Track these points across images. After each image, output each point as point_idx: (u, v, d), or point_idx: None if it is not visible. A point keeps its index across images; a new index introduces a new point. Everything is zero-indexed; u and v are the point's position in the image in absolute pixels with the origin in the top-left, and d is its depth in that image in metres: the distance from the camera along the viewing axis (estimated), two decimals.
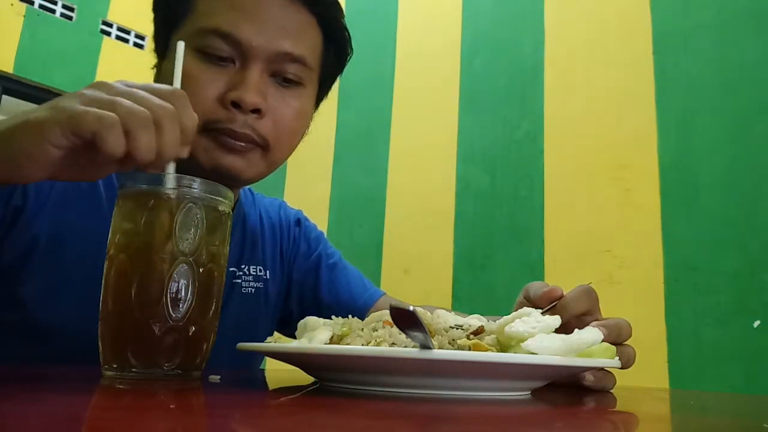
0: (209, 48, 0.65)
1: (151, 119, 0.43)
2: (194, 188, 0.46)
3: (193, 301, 0.45)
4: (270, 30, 0.66)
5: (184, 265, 0.44)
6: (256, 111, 0.65)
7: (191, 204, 0.45)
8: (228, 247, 0.50)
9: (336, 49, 0.76)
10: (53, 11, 2.72)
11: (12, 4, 2.61)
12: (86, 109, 0.41)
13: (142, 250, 0.44)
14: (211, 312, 0.47)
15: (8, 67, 2.56)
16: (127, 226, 0.46)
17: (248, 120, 0.65)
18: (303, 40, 0.69)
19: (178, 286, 0.44)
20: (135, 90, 0.44)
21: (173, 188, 0.45)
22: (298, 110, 0.70)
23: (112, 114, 0.41)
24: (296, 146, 0.75)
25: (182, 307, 0.44)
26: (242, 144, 0.65)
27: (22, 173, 0.43)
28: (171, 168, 0.46)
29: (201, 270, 0.45)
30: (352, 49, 0.79)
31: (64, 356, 0.57)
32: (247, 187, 0.88)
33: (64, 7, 2.76)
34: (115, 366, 0.43)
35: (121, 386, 0.39)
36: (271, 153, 0.68)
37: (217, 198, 0.47)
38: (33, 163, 0.42)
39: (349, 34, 0.77)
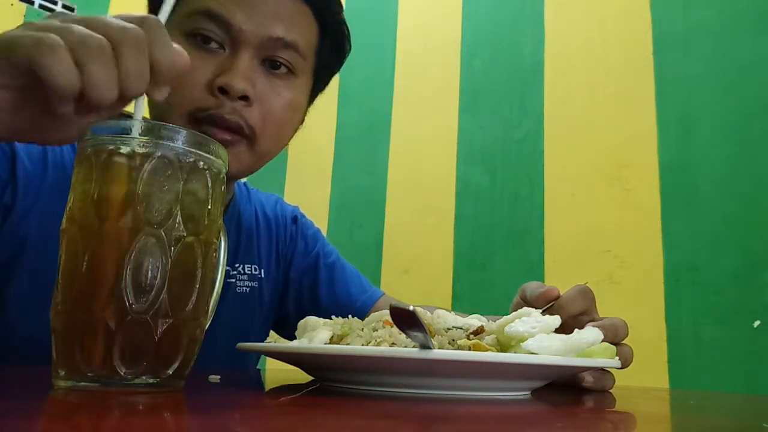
0: (199, 30, 0.63)
1: (107, 45, 0.34)
2: (167, 138, 0.36)
3: (164, 286, 0.34)
4: (262, 15, 0.65)
5: (152, 238, 0.34)
6: (244, 98, 0.63)
7: (162, 158, 0.35)
8: (222, 219, 0.41)
9: (333, 42, 0.74)
10: (53, 11, 2.73)
11: (12, 4, 2.61)
12: (26, 33, 0.34)
13: (95, 219, 0.34)
14: (192, 302, 0.36)
15: None
16: (80, 190, 0.36)
17: (236, 107, 0.63)
18: (296, 27, 0.67)
19: (141, 266, 0.34)
20: (94, 17, 0.36)
21: (139, 136, 0.35)
22: (288, 101, 0.68)
23: (55, 36, 0.34)
24: (287, 139, 0.72)
25: (148, 294, 0.34)
26: (228, 138, 0.63)
27: None
28: (139, 111, 0.37)
29: (177, 246, 0.35)
30: (350, 44, 0.78)
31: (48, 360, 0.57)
32: (243, 182, 0.87)
33: (64, 7, 2.76)
34: (62, 373, 0.34)
35: (73, 399, 0.31)
36: (258, 144, 0.66)
37: (202, 153, 0.37)
38: None
39: (347, 29, 0.76)
